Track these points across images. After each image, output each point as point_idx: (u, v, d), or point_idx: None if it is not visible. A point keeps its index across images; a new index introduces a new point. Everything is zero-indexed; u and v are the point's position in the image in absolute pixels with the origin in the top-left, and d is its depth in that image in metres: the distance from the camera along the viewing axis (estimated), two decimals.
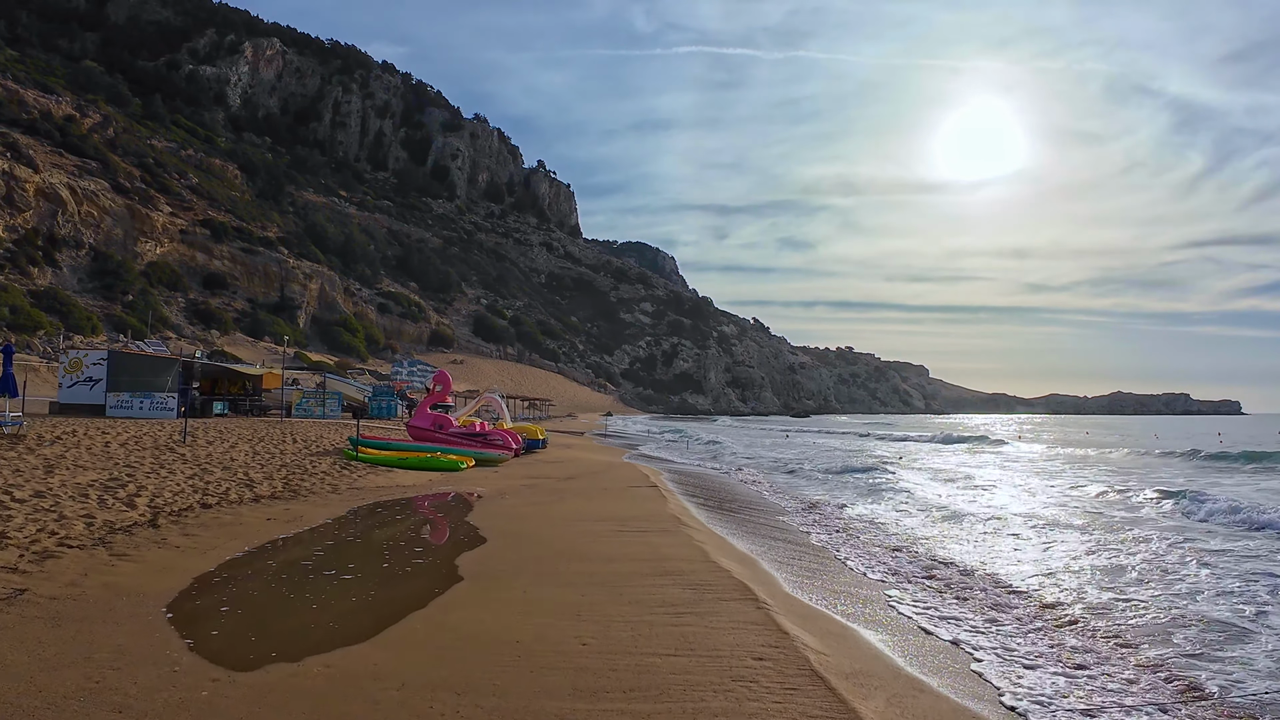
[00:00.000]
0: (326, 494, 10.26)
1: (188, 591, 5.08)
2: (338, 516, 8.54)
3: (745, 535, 8.72)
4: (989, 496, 13.88)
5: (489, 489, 11.92)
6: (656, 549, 6.79)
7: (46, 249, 74.70)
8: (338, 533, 7.61)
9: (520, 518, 8.85)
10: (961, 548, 8.46)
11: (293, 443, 16.66)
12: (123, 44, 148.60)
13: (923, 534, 9.49)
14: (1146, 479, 17.16)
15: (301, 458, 13.72)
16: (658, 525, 8.23)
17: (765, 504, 12.42)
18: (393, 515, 8.85)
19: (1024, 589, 6.43)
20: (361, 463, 13.76)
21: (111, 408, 24.39)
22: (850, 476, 17.54)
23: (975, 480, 17.10)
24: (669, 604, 4.91)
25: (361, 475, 12.37)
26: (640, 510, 9.63)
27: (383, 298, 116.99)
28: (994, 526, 10.13)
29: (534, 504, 10.25)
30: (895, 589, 6.26)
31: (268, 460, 12.81)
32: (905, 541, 8.88)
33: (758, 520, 10.27)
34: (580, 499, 10.89)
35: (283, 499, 9.48)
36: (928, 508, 11.87)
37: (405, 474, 13.25)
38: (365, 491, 10.85)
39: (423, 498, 10.70)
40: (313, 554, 6.48)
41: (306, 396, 27.54)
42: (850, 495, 14.01)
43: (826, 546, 8.35)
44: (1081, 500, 13.39)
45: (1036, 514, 11.31)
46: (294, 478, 11.15)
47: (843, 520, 10.58)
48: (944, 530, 9.88)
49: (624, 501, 10.63)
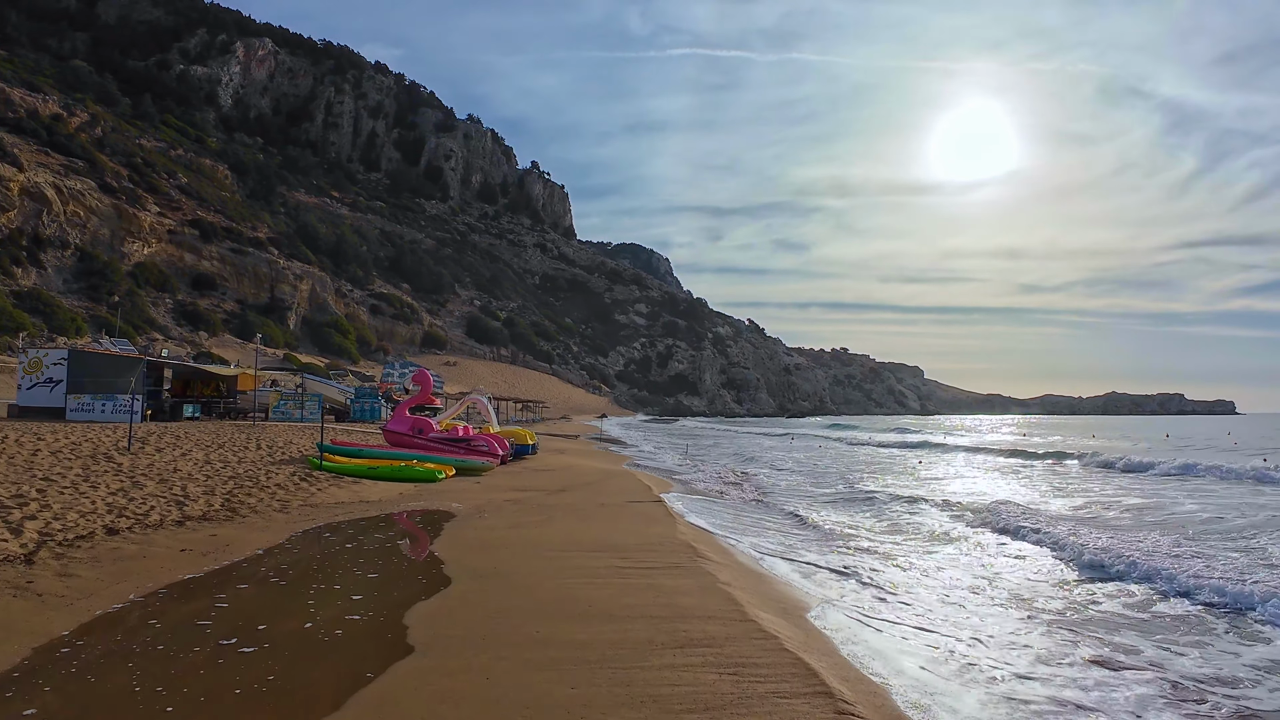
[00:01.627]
0: (271, 513, 8.66)
1: (3, 679, 3.56)
2: (273, 545, 6.94)
3: (776, 563, 7.22)
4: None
5: (467, 504, 10.35)
6: (673, 599, 5.17)
7: (31, 249, 72.95)
8: (264, 570, 5.99)
9: (498, 546, 7.30)
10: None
11: (256, 449, 15.10)
12: (113, 44, 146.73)
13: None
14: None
15: (259, 467, 12.16)
16: (669, 558, 6.68)
17: (789, 518, 10.93)
18: (342, 543, 7.28)
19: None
20: (327, 472, 12.17)
21: (72, 411, 22.74)
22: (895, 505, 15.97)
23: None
24: (702, 703, 3.37)
25: (322, 488, 10.79)
26: (645, 535, 8.07)
27: (375, 299, 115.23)
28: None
29: (517, 526, 8.64)
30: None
31: (218, 470, 11.25)
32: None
33: (787, 541, 8.79)
34: (573, 519, 9.32)
35: (215, 520, 7.90)
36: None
37: (374, 486, 11.58)
38: (319, 510, 9.25)
39: (386, 517, 9.14)
40: (215, 606, 4.87)
41: (285, 399, 25.88)
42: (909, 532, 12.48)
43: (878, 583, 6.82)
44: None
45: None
46: (239, 492, 9.57)
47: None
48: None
49: (625, 523, 9.06)
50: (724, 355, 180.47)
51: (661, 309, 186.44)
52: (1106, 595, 6.39)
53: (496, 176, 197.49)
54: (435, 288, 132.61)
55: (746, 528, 9.91)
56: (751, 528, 9.97)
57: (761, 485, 16.43)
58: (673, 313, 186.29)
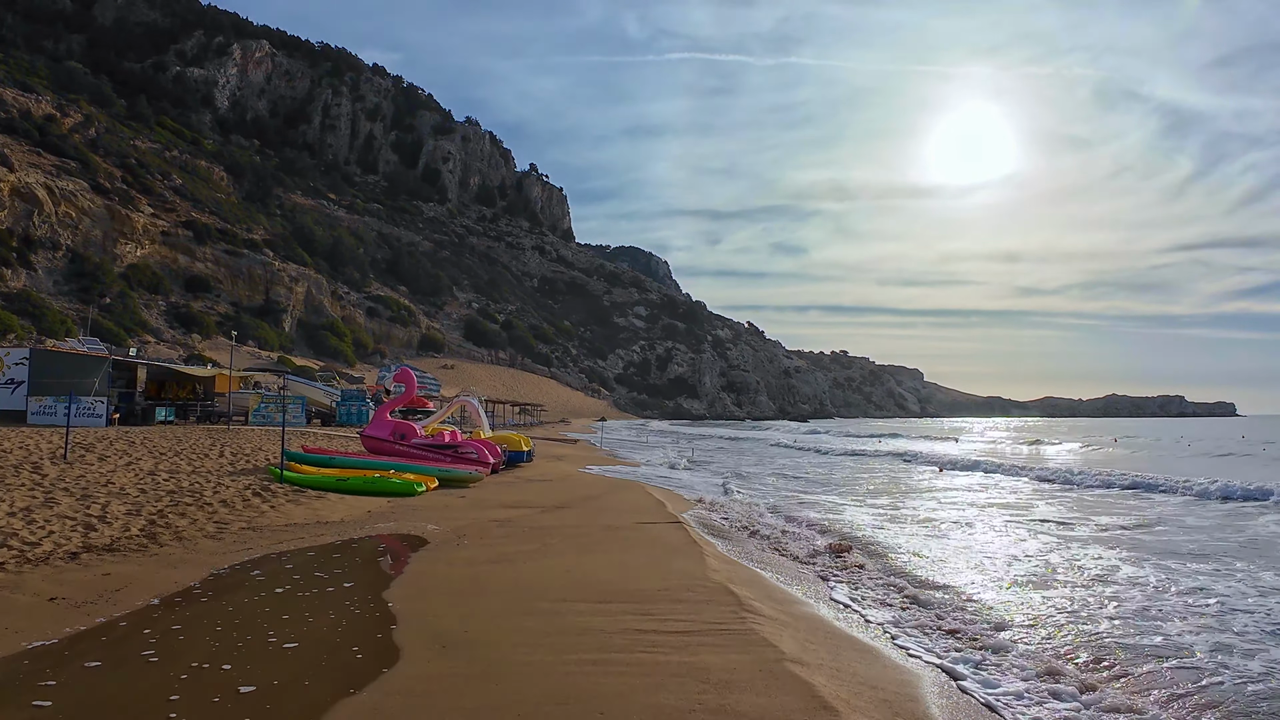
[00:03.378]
0: (200, 541, 7.00)
1: None
2: (176, 592, 5.26)
3: (857, 616, 5.58)
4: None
5: (446, 526, 8.59)
6: (724, 696, 3.33)
7: (21, 250, 71.59)
8: (144, 634, 4.29)
9: (475, 591, 5.60)
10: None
11: (219, 456, 13.49)
12: (109, 46, 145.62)
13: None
14: None
15: (212, 479, 10.54)
16: (707, 614, 4.88)
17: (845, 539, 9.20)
18: (271, 585, 5.63)
19: None
20: (290, 484, 10.57)
21: (34, 414, 21.10)
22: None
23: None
24: None
25: (277, 505, 9.16)
26: (668, 574, 6.28)
27: (372, 301, 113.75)
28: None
29: (502, 559, 6.81)
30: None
31: (160, 483, 9.64)
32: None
33: (849, 579, 7.08)
34: (573, 548, 7.49)
35: (121, 552, 6.28)
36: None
37: (339, 502, 9.89)
38: (263, 534, 7.62)
39: (343, 545, 7.46)
40: (31, 708, 3.24)
41: (265, 401, 24.26)
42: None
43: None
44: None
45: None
46: (171, 512, 7.94)
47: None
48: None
49: (639, 554, 7.24)
50: (724, 358, 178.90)
51: (661, 312, 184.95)
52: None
53: (495, 179, 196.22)
54: (433, 290, 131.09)
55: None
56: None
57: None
58: (672, 315, 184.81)
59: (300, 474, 10.81)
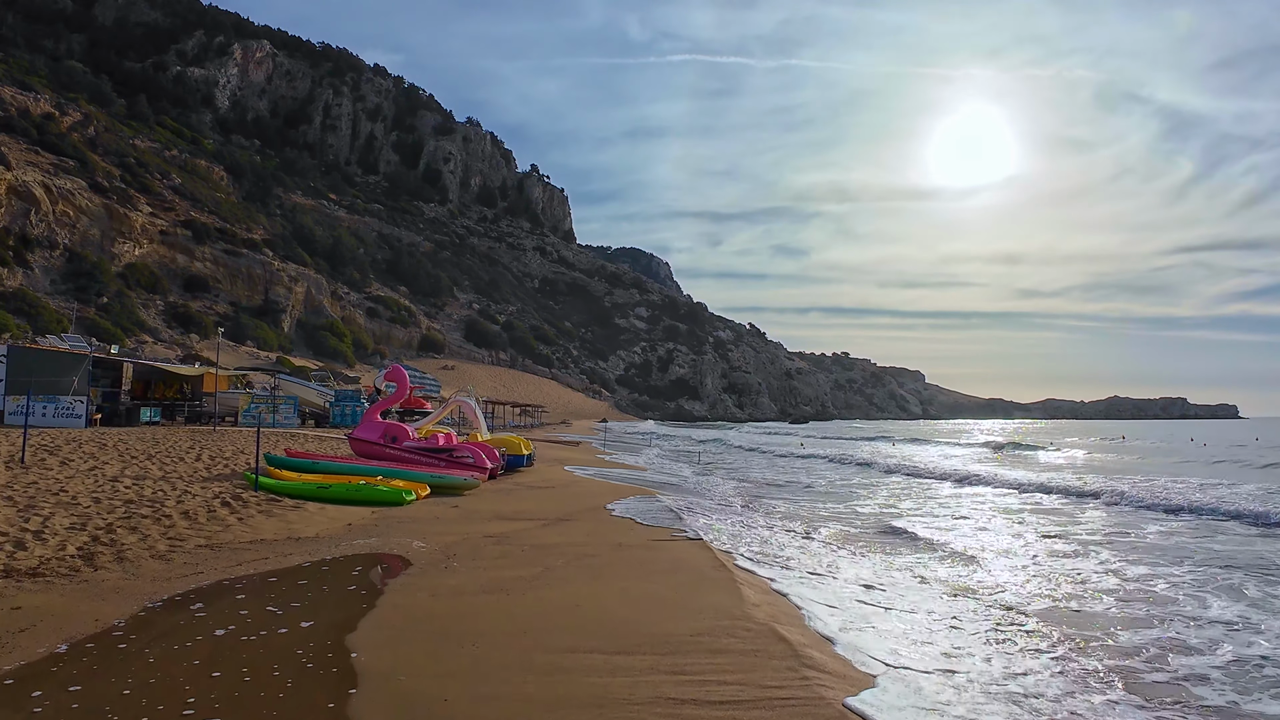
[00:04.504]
0: (145, 562, 5.99)
1: None
2: (95, 633, 4.23)
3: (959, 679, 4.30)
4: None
5: (434, 543, 7.52)
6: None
7: (18, 249, 70.83)
8: (37, 694, 3.27)
9: (460, 635, 4.50)
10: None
11: (194, 460, 12.49)
12: (110, 45, 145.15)
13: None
14: None
15: (181, 485, 9.52)
16: (758, 675, 3.75)
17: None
18: (212, 625, 4.55)
19: None
20: (265, 492, 9.56)
21: (11, 414, 20.11)
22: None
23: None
24: None
25: (247, 516, 8.15)
26: (699, 610, 5.09)
27: (372, 302, 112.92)
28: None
29: (496, 588, 5.69)
30: None
31: (121, 491, 8.61)
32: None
33: (934, 606, 6.03)
34: (581, 572, 6.34)
35: (46, 577, 5.21)
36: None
37: (318, 513, 8.86)
38: (221, 554, 6.60)
39: (311, 568, 6.40)
40: None
41: (256, 401, 23.25)
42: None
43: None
44: None
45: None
46: (122, 526, 6.90)
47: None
48: None
49: (659, 581, 6.03)
50: (725, 360, 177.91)
51: (662, 313, 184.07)
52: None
53: (496, 179, 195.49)
54: (433, 291, 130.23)
55: (849, 583, 6.98)
56: (864, 584, 7.04)
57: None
58: (673, 317, 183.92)
59: (277, 480, 9.79)
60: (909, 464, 24.01)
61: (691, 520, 9.66)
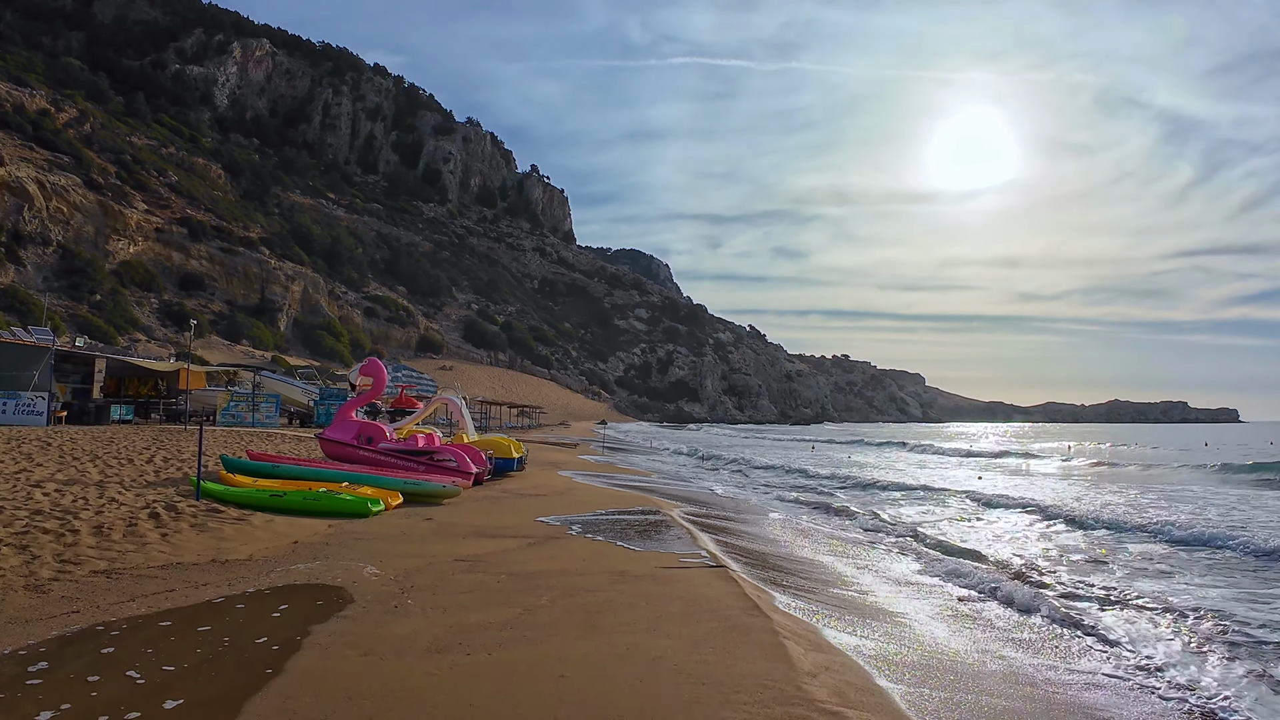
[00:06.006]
0: (17, 594, 5.03)
1: None
2: None
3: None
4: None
5: (390, 569, 6.18)
6: None
7: (10, 245, 70.16)
8: None
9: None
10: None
11: (146, 462, 11.82)
12: (108, 43, 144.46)
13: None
14: None
15: (112, 491, 8.75)
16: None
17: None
18: (35, 708, 3.34)
19: None
20: (209, 500, 8.61)
21: None
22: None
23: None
24: None
25: (175, 531, 7.05)
26: (734, 687, 3.71)
27: (370, 301, 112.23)
28: None
29: (454, 643, 4.39)
30: None
31: (37, 499, 7.70)
32: None
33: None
34: (568, 619, 4.95)
35: None
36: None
37: (267, 525, 7.75)
38: (119, 583, 5.41)
39: (219, 606, 5.11)
40: None
41: (236, 399, 22.50)
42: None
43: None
44: None
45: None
46: (12, 543, 6.06)
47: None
48: None
49: (674, 635, 4.63)
50: (725, 361, 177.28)
51: (662, 314, 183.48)
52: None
53: (495, 180, 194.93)
54: (432, 291, 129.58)
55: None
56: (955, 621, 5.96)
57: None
58: (673, 318, 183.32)
59: (226, 487, 9.00)
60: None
61: (703, 538, 8.66)
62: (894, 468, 27.92)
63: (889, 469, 26.94)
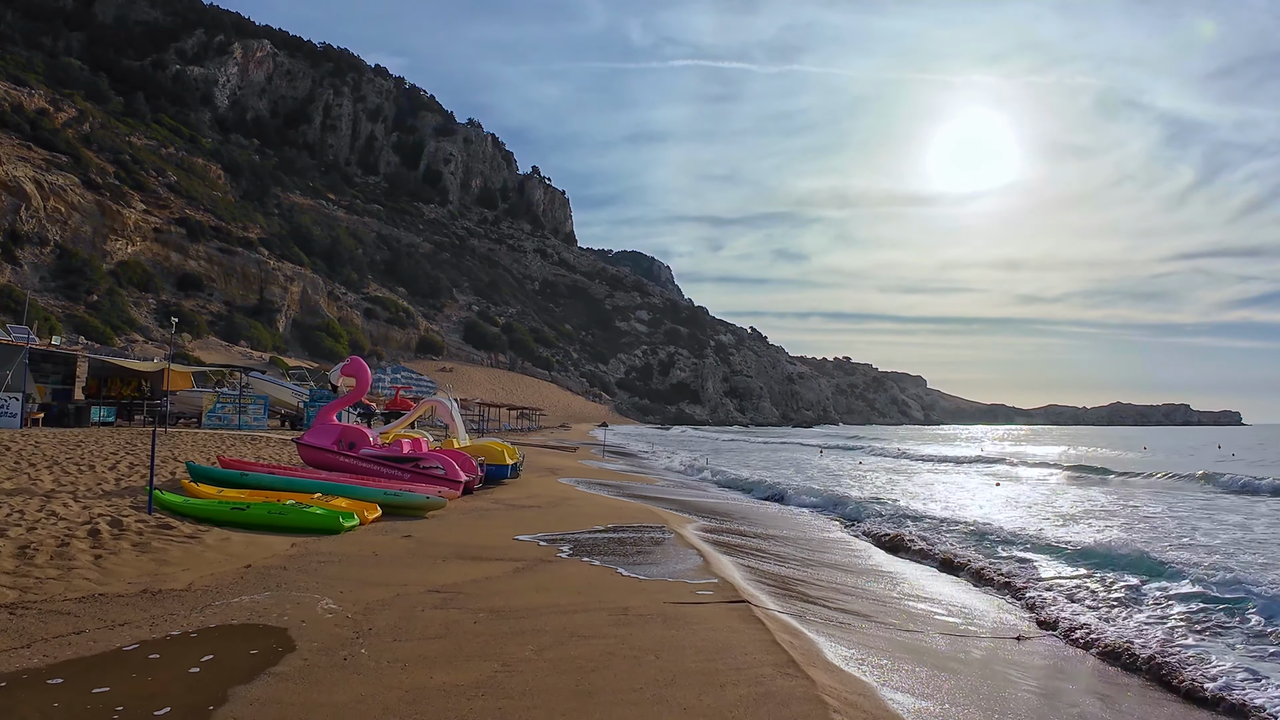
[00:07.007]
0: None
1: None
2: None
3: None
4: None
5: (347, 605, 5.21)
6: None
7: (7, 245, 69.48)
8: None
9: None
10: None
11: (109, 469, 10.91)
12: (109, 43, 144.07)
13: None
14: None
15: (57, 502, 7.88)
16: None
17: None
18: None
19: None
20: (164, 512, 7.73)
21: None
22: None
23: None
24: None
25: (111, 552, 6.12)
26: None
27: (369, 302, 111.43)
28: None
29: (411, 716, 3.37)
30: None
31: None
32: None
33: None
34: (559, 682, 3.82)
35: None
36: None
37: (221, 545, 6.85)
38: (22, 622, 4.47)
39: (127, 654, 4.11)
40: None
41: (222, 401, 21.57)
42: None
43: None
44: None
45: None
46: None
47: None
48: None
49: (695, 710, 3.48)
50: (726, 363, 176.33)
51: (663, 316, 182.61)
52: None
53: (496, 181, 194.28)
54: (432, 292, 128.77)
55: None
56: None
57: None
58: (674, 320, 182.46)
59: (185, 498, 8.06)
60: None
61: (721, 562, 7.52)
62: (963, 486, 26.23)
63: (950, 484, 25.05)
